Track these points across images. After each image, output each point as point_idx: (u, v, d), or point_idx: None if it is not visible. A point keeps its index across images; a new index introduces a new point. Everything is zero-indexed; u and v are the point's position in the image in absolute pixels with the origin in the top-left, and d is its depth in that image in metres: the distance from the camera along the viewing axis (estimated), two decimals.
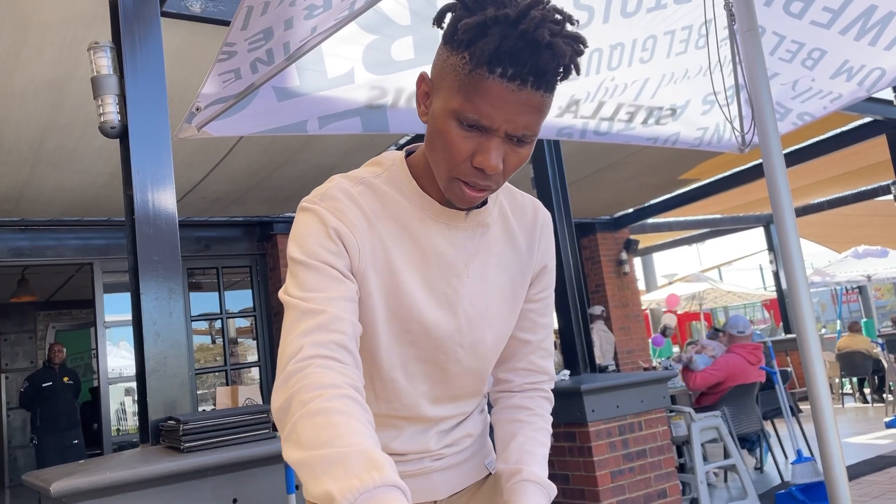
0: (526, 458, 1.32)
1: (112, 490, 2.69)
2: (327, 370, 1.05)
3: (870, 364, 11.07)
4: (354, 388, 1.05)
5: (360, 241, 1.21)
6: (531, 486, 1.28)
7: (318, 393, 1.00)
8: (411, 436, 1.31)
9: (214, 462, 2.96)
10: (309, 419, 0.98)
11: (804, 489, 5.63)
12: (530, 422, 1.39)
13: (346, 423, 0.97)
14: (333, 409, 0.98)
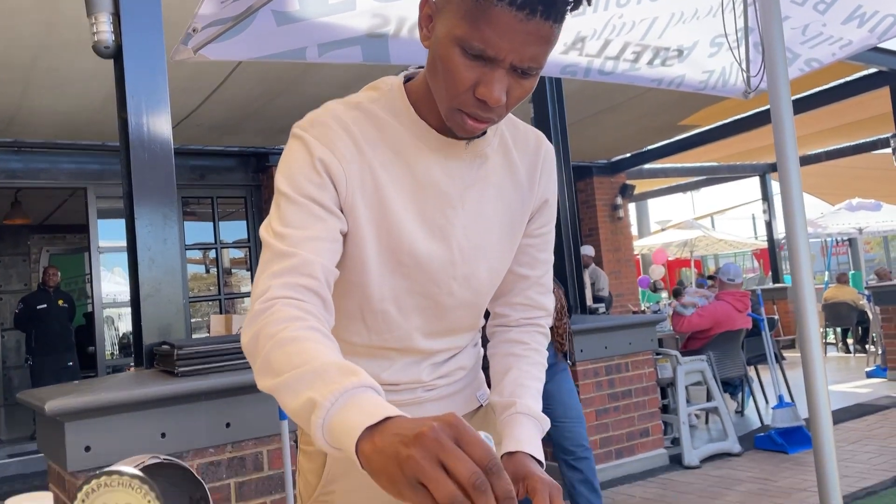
0: (520, 391, 1.33)
1: (106, 410, 2.74)
2: (292, 308, 1.04)
3: (855, 315, 11.23)
4: (320, 323, 1.05)
5: (348, 172, 1.19)
6: (525, 418, 1.29)
7: (285, 325, 1.01)
8: (403, 367, 1.32)
9: (208, 387, 3.00)
10: (280, 349, 0.98)
11: (783, 433, 5.77)
12: (525, 356, 1.39)
13: (315, 347, 0.97)
14: (303, 337, 0.99)
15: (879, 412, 7.04)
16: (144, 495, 0.77)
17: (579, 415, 4.02)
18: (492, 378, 1.41)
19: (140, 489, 0.77)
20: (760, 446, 5.89)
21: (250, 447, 3.15)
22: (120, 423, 2.77)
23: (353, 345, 1.30)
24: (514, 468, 1.21)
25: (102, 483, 0.77)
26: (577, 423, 3.98)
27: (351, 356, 1.30)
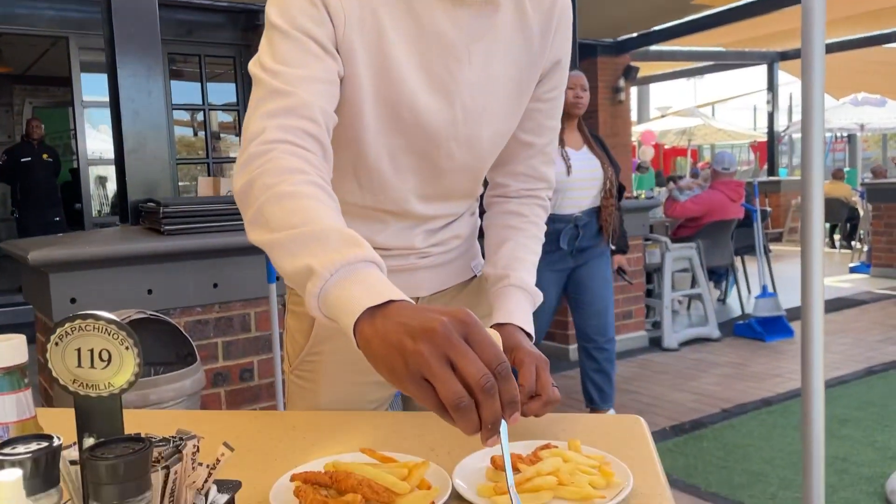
0: (515, 263, 1.29)
1: (91, 264, 2.70)
2: (292, 157, 0.96)
3: (845, 212, 11.27)
4: (322, 178, 0.97)
5: (347, 9, 1.07)
6: (517, 291, 1.26)
7: (284, 177, 0.93)
8: (397, 231, 1.26)
9: (194, 247, 2.96)
10: (276, 202, 0.92)
11: (763, 322, 5.89)
12: (523, 228, 1.34)
13: (316, 206, 0.91)
14: (302, 193, 0.92)
15: (859, 306, 7.19)
16: (122, 342, 0.72)
17: (608, 305, 3.95)
18: (486, 249, 1.36)
19: (117, 335, 0.72)
20: (739, 333, 6.03)
21: (238, 308, 3.15)
22: (105, 277, 2.74)
23: (345, 203, 1.23)
24: (503, 340, 1.18)
25: (77, 326, 0.72)
26: (604, 313, 3.93)
27: (343, 216, 1.24)
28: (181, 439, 0.80)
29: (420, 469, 0.94)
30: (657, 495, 0.92)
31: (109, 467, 0.65)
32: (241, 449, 1.09)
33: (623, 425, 1.16)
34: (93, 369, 0.73)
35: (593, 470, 0.95)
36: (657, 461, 1.03)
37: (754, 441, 3.77)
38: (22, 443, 0.69)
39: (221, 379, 3.11)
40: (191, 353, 2.72)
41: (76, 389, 0.73)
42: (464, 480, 0.96)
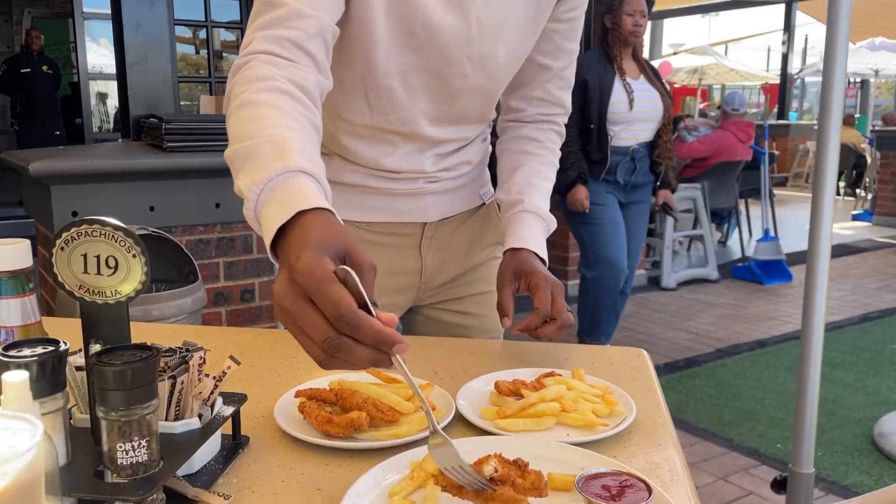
0: (529, 189, 1.26)
1: (93, 177, 2.67)
2: (267, 65, 0.93)
3: (852, 158, 11.16)
4: (295, 83, 0.93)
5: None
6: (531, 216, 1.24)
7: (249, 86, 0.91)
8: (406, 154, 1.23)
9: (197, 165, 2.93)
10: (235, 112, 0.90)
11: (762, 265, 5.90)
12: (538, 154, 1.31)
13: (267, 114, 0.87)
14: (258, 101, 0.89)
15: (859, 254, 7.19)
16: (129, 249, 0.71)
17: (639, 254, 3.93)
18: (499, 175, 1.33)
19: (124, 242, 0.71)
20: (738, 276, 6.04)
21: (240, 229, 3.14)
22: (107, 191, 2.72)
23: (354, 125, 1.20)
24: (517, 265, 1.18)
25: (83, 231, 0.70)
26: (633, 260, 3.89)
27: (352, 137, 1.21)
28: (188, 350, 0.80)
29: (425, 390, 0.94)
30: (659, 426, 0.92)
31: (117, 373, 0.64)
32: (245, 365, 1.10)
33: (626, 357, 1.17)
34: (99, 276, 0.71)
35: (597, 399, 0.96)
36: (659, 393, 1.03)
37: (746, 381, 3.82)
38: (28, 346, 0.69)
39: (223, 299, 3.12)
40: (192, 271, 2.72)
41: (82, 295, 0.72)
42: (467, 403, 0.96)
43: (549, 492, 0.75)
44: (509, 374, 1.02)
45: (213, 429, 0.78)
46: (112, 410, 0.65)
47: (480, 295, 1.37)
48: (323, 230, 0.72)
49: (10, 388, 0.58)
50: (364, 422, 0.85)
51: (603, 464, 0.78)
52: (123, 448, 0.66)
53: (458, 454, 0.72)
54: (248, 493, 0.77)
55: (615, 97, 3.58)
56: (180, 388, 0.77)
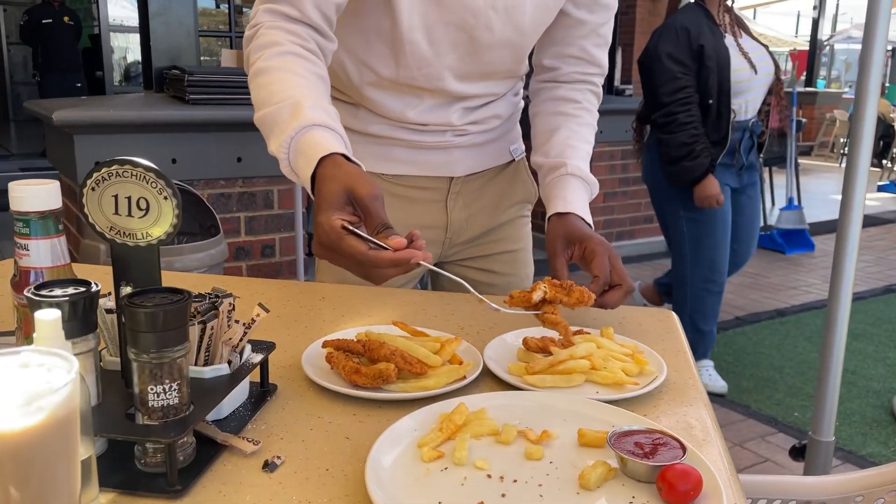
0: (569, 152, 1.21)
1: (115, 128, 2.66)
2: (273, 30, 1.02)
3: (881, 128, 10.92)
4: (301, 45, 1.02)
5: None
6: (575, 180, 1.18)
7: (259, 54, 1.00)
8: (432, 107, 1.20)
9: (219, 118, 2.91)
10: (253, 81, 1.00)
11: (784, 234, 5.83)
12: (576, 115, 1.25)
13: (279, 78, 0.97)
14: (270, 67, 0.99)
15: (883, 225, 7.08)
16: (160, 191, 0.70)
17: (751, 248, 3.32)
18: (535, 138, 1.28)
19: (156, 184, 0.69)
20: (760, 244, 5.96)
21: (261, 184, 3.13)
22: (129, 142, 2.71)
23: (380, 77, 1.18)
24: (568, 231, 1.12)
25: (114, 172, 0.69)
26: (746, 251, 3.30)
27: (377, 89, 1.19)
28: (217, 296, 0.79)
29: (452, 344, 0.94)
30: (690, 386, 0.91)
31: (149, 315, 0.64)
32: (270, 315, 1.09)
33: (654, 318, 1.15)
34: (130, 217, 0.71)
35: (626, 358, 0.94)
36: (689, 354, 1.01)
37: (765, 349, 3.80)
38: (59, 286, 0.68)
39: (244, 253, 3.13)
40: (214, 224, 2.72)
41: (113, 237, 0.71)
42: (495, 358, 0.95)
43: (579, 445, 0.74)
44: (538, 331, 1.01)
45: (242, 375, 0.78)
46: (143, 352, 0.65)
47: (507, 253, 1.35)
48: (329, 184, 0.86)
49: (43, 326, 0.58)
50: (392, 373, 0.85)
51: (634, 421, 0.77)
52: (154, 390, 0.66)
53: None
54: (276, 439, 0.77)
55: (735, 63, 2.91)
56: (210, 333, 0.76)
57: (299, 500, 0.67)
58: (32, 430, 0.45)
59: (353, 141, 1.21)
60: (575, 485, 0.68)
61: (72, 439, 0.49)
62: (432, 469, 0.70)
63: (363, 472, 0.69)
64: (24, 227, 0.74)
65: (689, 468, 0.65)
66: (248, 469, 0.71)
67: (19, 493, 0.47)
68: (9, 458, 0.45)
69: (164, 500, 0.66)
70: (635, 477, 0.68)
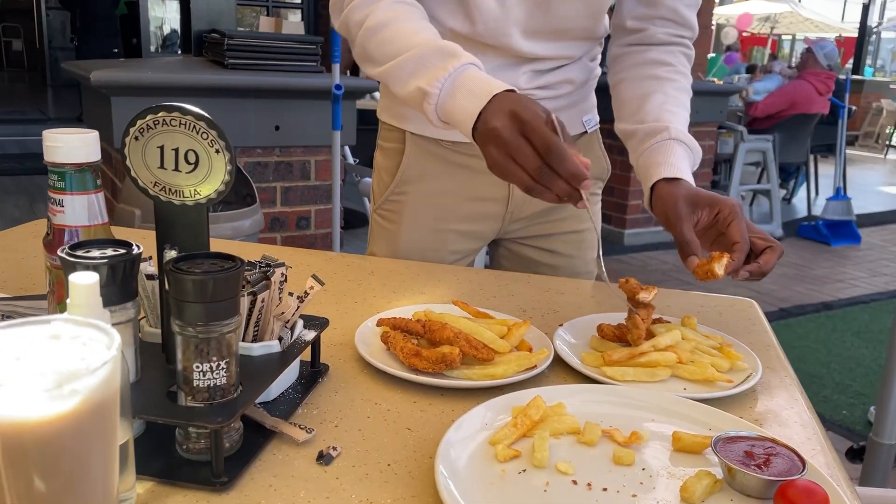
0: (668, 116, 1.07)
1: (153, 91, 2.59)
2: None
3: None
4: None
5: None
6: (678, 145, 1.03)
7: (367, 10, 0.98)
8: (496, 69, 1.09)
9: (258, 84, 2.83)
10: (373, 37, 0.97)
11: (830, 225, 5.64)
12: (672, 79, 1.11)
13: (407, 29, 0.96)
14: (389, 19, 0.97)
15: None
16: (212, 143, 0.61)
17: None
18: (621, 107, 1.14)
19: (207, 134, 0.61)
20: (803, 235, 5.79)
21: (298, 154, 3.05)
22: None
23: (445, 32, 1.08)
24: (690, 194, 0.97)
25: (161, 119, 0.61)
26: None
27: None
28: (269, 265, 0.71)
29: (520, 329, 0.85)
30: (787, 386, 0.81)
31: (197, 283, 0.56)
32: (320, 290, 1.01)
33: (735, 308, 1.05)
34: (177, 172, 0.62)
35: (714, 351, 0.85)
36: (779, 348, 0.92)
37: (810, 343, 3.66)
38: (96, 247, 0.60)
39: (278, 224, 3.06)
40: (250, 193, 2.66)
41: (157, 194, 0.63)
42: (566, 346, 0.86)
43: (674, 449, 0.65)
44: (612, 318, 0.92)
45: (294, 354, 0.70)
46: (189, 325, 0.57)
47: (572, 234, 1.24)
48: (518, 101, 0.84)
49: (78, 291, 0.50)
50: (457, 358, 0.76)
51: (739, 426, 0.67)
52: (200, 369, 0.58)
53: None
54: (330, 426, 0.69)
55: None
56: (261, 306, 0.68)
57: (359, 498, 0.59)
58: (64, 418, 0.37)
59: None
60: (675, 497, 0.59)
61: (109, 426, 0.41)
62: (508, 470, 0.62)
63: (430, 470, 0.60)
64: (58, 180, 0.66)
65: (812, 485, 0.56)
66: (301, 460, 0.63)
67: (45, 485, 0.39)
68: (35, 448, 0.37)
69: (208, 491, 0.58)
70: (746, 492, 0.59)
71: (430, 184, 1.17)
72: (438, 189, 1.17)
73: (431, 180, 1.17)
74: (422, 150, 1.16)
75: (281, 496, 0.58)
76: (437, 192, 1.17)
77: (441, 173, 1.16)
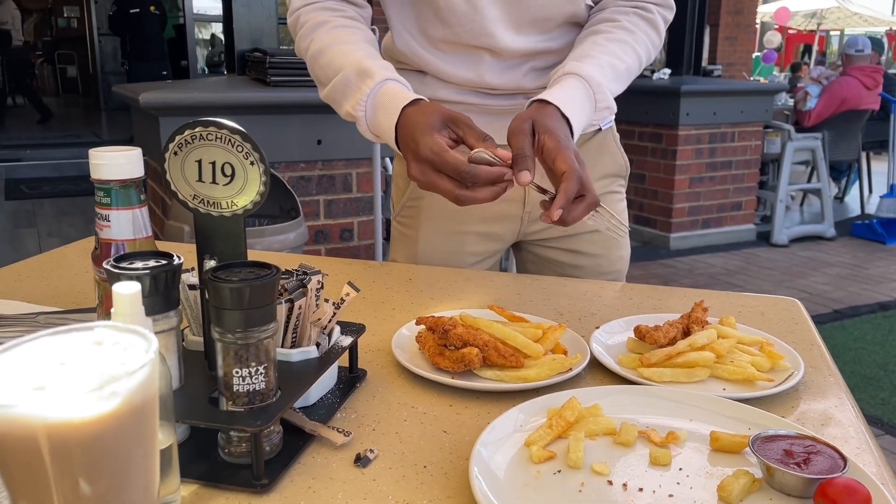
0: (580, 59, 1.01)
1: (199, 110, 2.66)
2: (314, 12, 1.08)
3: None
4: (343, 16, 1.08)
5: None
6: (572, 78, 0.98)
7: (311, 37, 1.06)
8: (499, 71, 1.09)
9: (300, 100, 2.88)
10: (314, 62, 1.06)
11: (885, 223, 5.47)
12: (606, 31, 1.06)
13: (338, 51, 1.02)
14: (325, 45, 1.04)
15: None
16: (246, 155, 0.63)
17: None
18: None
19: (241, 147, 0.63)
20: (857, 234, 5.63)
21: (340, 167, 3.09)
22: None
23: (432, 40, 1.10)
24: (539, 117, 0.92)
25: (198, 134, 0.63)
26: None
27: (437, 51, 1.11)
28: (305, 273, 0.73)
29: (556, 332, 0.85)
30: (832, 384, 0.80)
31: (234, 291, 0.57)
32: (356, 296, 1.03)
33: (778, 307, 1.03)
34: (214, 185, 0.65)
35: (754, 349, 0.84)
36: (824, 348, 0.90)
37: (867, 345, 3.55)
38: (139, 259, 0.63)
39: (322, 237, 3.11)
40: (294, 207, 2.70)
41: (196, 206, 0.66)
42: (603, 349, 0.86)
43: (712, 449, 0.65)
44: (651, 318, 0.91)
45: (331, 359, 0.71)
46: (228, 332, 0.59)
47: (596, 233, 1.23)
48: (422, 115, 0.91)
49: (121, 300, 0.52)
50: (476, 359, 0.77)
51: (778, 425, 0.66)
52: (240, 374, 0.60)
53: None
54: (367, 430, 0.70)
55: None
56: (298, 313, 0.70)
57: (396, 499, 0.59)
58: (105, 419, 0.39)
59: None
60: (713, 497, 0.58)
61: (149, 428, 0.43)
62: (543, 471, 0.62)
63: (465, 472, 0.61)
64: (104, 196, 0.69)
65: (854, 482, 0.55)
66: (339, 462, 0.64)
67: (91, 487, 0.41)
68: (79, 449, 0.39)
69: (249, 493, 0.60)
70: (785, 491, 0.58)
71: None
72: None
73: None
74: None
75: (319, 497, 0.60)
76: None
77: None
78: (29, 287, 1.08)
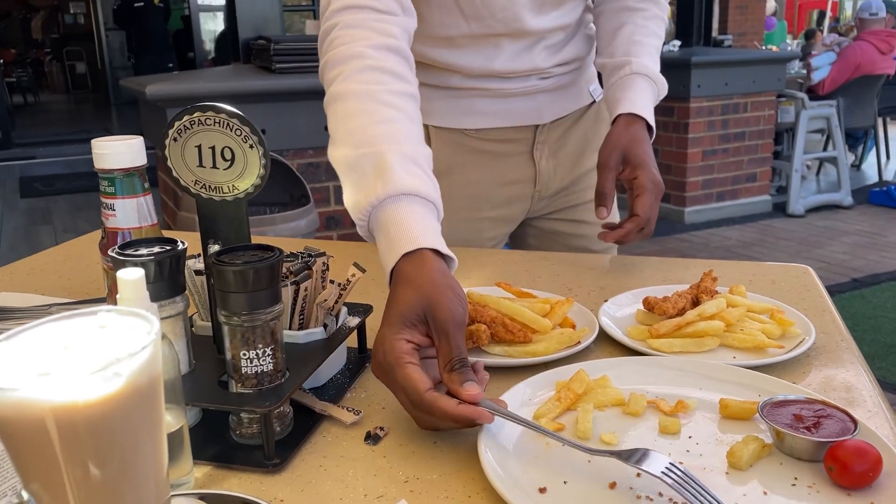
0: (635, 49, 1.11)
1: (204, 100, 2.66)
2: (352, 29, 0.88)
3: None
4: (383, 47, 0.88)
5: None
6: (641, 79, 1.08)
7: (341, 69, 0.86)
8: (515, 54, 1.11)
9: (305, 86, 2.88)
10: (332, 106, 0.87)
11: None
12: (641, 9, 1.15)
13: (361, 110, 0.83)
14: (349, 92, 0.85)
15: None
16: (245, 138, 0.63)
17: None
18: (600, 40, 1.18)
19: (240, 131, 0.63)
20: (875, 201, 5.56)
21: None
22: None
23: (451, 38, 1.10)
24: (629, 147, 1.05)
25: (196, 119, 0.63)
26: None
27: (452, 49, 1.11)
28: (310, 255, 0.73)
29: (563, 306, 0.85)
30: (843, 349, 0.79)
31: (238, 274, 0.58)
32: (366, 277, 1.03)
33: (789, 275, 1.02)
34: (215, 169, 0.65)
35: (764, 317, 0.83)
36: (836, 313, 0.89)
37: (886, 313, 3.52)
38: (144, 245, 0.63)
39: (334, 223, 3.12)
40: (304, 194, 2.71)
41: (198, 192, 0.66)
42: (612, 321, 0.86)
43: (722, 417, 0.64)
44: (659, 290, 0.91)
45: (339, 340, 0.72)
46: (234, 315, 0.59)
47: None
48: (407, 291, 0.68)
49: (126, 286, 0.52)
50: (484, 335, 0.77)
51: (788, 390, 0.66)
52: (247, 356, 0.60)
53: None
54: (377, 408, 0.70)
55: None
56: (304, 295, 0.70)
57: (406, 475, 0.60)
58: (109, 400, 0.39)
59: (433, 97, 1.13)
60: (723, 463, 0.58)
61: (154, 409, 0.43)
62: (553, 444, 0.62)
63: (474, 447, 0.61)
64: (108, 185, 0.69)
65: (864, 444, 0.55)
66: (350, 441, 0.65)
67: (100, 469, 0.41)
68: (87, 431, 0.40)
69: (261, 473, 0.60)
70: (795, 455, 0.58)
71: (460, 175, 1.18)
72: (468, 179, 1.18)
73: (460, 171, 1.18)
74: (447, 143, 1.17)
75: (331, 475, 0.60)
76: (468, 181, 1.19)
77: (469, 163, 1.17)
78: (42, 279, 1.09)
